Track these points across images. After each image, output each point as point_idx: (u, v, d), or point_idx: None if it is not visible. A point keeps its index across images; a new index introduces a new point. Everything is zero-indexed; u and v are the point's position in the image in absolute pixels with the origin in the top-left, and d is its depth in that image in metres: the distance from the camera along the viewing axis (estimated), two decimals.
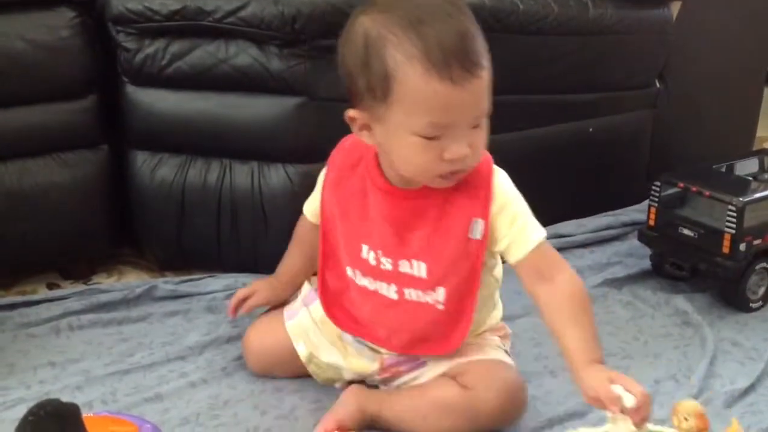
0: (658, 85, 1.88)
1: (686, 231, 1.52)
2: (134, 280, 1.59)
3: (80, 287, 1.53)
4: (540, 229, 1.11)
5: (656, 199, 1.56)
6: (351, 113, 1.08)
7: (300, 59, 1.47)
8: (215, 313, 1.45)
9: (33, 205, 1.50)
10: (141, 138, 1.56)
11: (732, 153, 1.72)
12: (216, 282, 1.53)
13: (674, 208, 1.54)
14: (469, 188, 1.10)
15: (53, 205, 1.52)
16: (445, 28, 1.00)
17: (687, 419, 0.99)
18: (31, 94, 1.48)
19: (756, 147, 2.13)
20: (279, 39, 1.45)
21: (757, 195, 1.49)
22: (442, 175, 1.06)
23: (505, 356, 1.20)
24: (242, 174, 1.54)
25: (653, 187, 1.57)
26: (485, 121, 1.06)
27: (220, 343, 1.36)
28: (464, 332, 1.15)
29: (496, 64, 1.05)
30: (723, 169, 1.62)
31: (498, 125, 1.12)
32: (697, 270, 1.54)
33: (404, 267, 1.13)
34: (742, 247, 1.46)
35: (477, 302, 1.14)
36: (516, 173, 1.14)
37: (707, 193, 1.49)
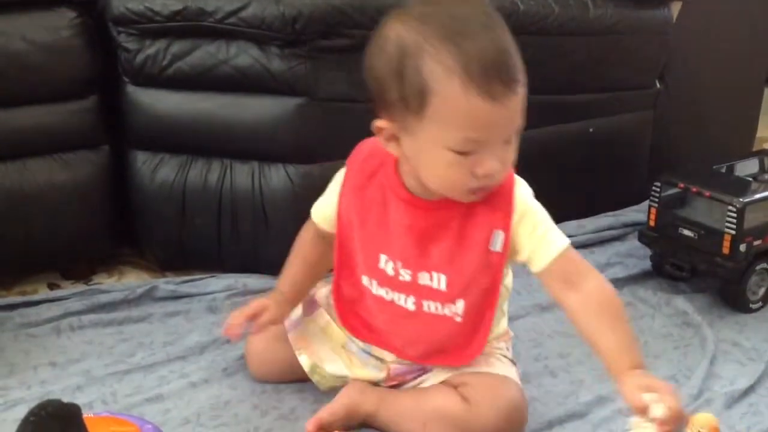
0: (659, 86, 1.88)
1: (686, 232, 1.52)
2: (135, 281, 1.59)
3: (81, 287, 1.53)
4: (563, 237, 1.09)
5: (656, 200, 1.56)
6: (379, 123, 1.04)
7: (301, 60, 1.47)
8: (216, 314, 1.45)
9: (34, 206, 1.50)
10: (142, 138, 1.56)
11: (732, 153, 1.72)
12: (216, 282, 1.53)
13: (674, 209, 1.55)
14: (491, 199, 1.07)
15: (54, 206, 1.52)
16: (485, 42, 0.97)
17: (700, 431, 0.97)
18: (32, 95, 1.48)
19: (756, 147, 2.14)
20: (280, 39, 1.45)
21: (758, 196, 1.49)
22: (471, 190, 1.04)
23: (510, 368, 1.18)
24: (243, 174, 1.54)
25: (653, 188, 1.56)
26: (516, 137, 1.03)
27: (221, 344, 1.36)
28: (481, 344, 1.13)
29: None
30: (723, 170, 1.62)
31: None
32: (697, 271, 1.54)
33: (423, 279, 1.11)
34: (742, 248, 1.46)
35: (495, 315, 1.13)
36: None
37: (707, 194, 1.49)
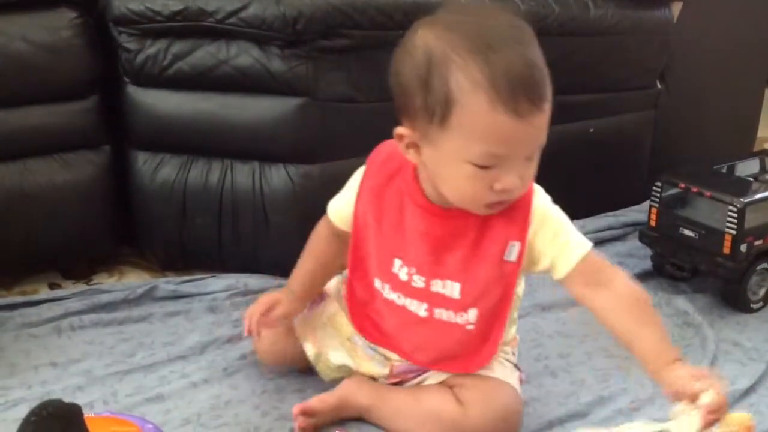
0: (659, 86, 1.88)
1: (687, 231, 1.52)
2: (135, 280, 1.59)
3: (81, 287, 1.53)
4: (585, 241, 1.09)
5: (657, 200, 1.56)
6: (400, 130, 1.03)
7: (301, 60, 1.47)
8: (216, 314, 1.45)
9: (34, 206, 1.50)
10: (142, 138, 1.56)
11: (733, 153, 1.72)
12: (217, 282, 1.53)
13: (675, 209, 1.54)
14: (508, 210, 1.06)
15: (54, 206, 1.52)
16: (514, 57, 0.96)
17: (733, 430, 0.97)
18: (33, 95, 1.48)
19: (757, 148, 2.14)
20: (280, 40, 1.45)
21: (758, 196, 1.49)
22: (488, 205, 1.03)
23: (511, 373, 1.18)
24: (243, 174, 1.54)
25: (654, 188, 1.56)
26: (538, 153, 1.02)
27: (222, 343, 1.36)
28: (491, 352, 1.13)
29: None
30: (724, 170, 1.62)
31: None
32: (698, 271, 1.54)
33: (436, 287, 1.11)
34: (743, 248, 1.46)
35: (506, 323, 1.13)
36: None
37: (708, 194, 1.49)
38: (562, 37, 1.67)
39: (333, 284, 1.26)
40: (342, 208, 1.18)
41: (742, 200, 1.45)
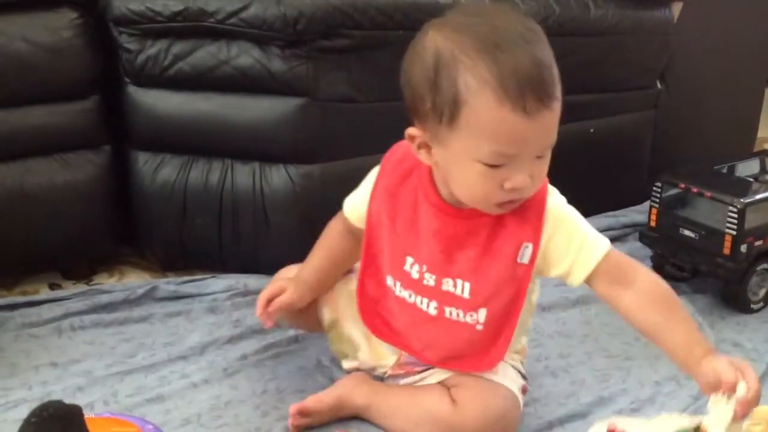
0: (660, 86, 1.88)
1: (687, 232, 1.52)
2: (136, 281, 1.59)
3: (82, 288, 1.53)
4: (603, 240, 1.09)
5: (657, 200, 1.56)
6: (411, 131, 1.03)
7: (302, 60, 1.47)
8: (217, 314, 1.46)
9: (35, 206, 1.50)
10: (143, 138, 1.56)
11: (733, 154, 1.72)
12: (217, 282, 1.53)
13: (675, 209, 1.55)
14: (522, 211, 1.06)
15: (55, 206, 1.52)
16: (522, 56, 0.96)
17: (758, 424, 0.96)
18: (33, 95, 1.48)
19: (757, 148, 2.14)
20: (281, 40, 1.45)
21: (758, 196, 1.49)
22: (498, 204, 1.03)
23: (514, 378, 1.17)
24: (244, 174, 1.54)
25: (654, 188, 1.57)
26: (549, 152, 1.03)
27: (222, 344, 1.36)
28: (501, 353, 1.13)
29: None
30: (724, 170, 1.62)
31: None
32: (698, 271, 1.54)
33: (447, 285, 1.11)
34: (743, 249, 1.46)
35: (517, 325, 1.12)
36: None
37: (708, 194, 1.49)
38: (562, 38, 1.66)
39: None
40: (357, 205, 1.19)
41: (743, 201, 1.45)
